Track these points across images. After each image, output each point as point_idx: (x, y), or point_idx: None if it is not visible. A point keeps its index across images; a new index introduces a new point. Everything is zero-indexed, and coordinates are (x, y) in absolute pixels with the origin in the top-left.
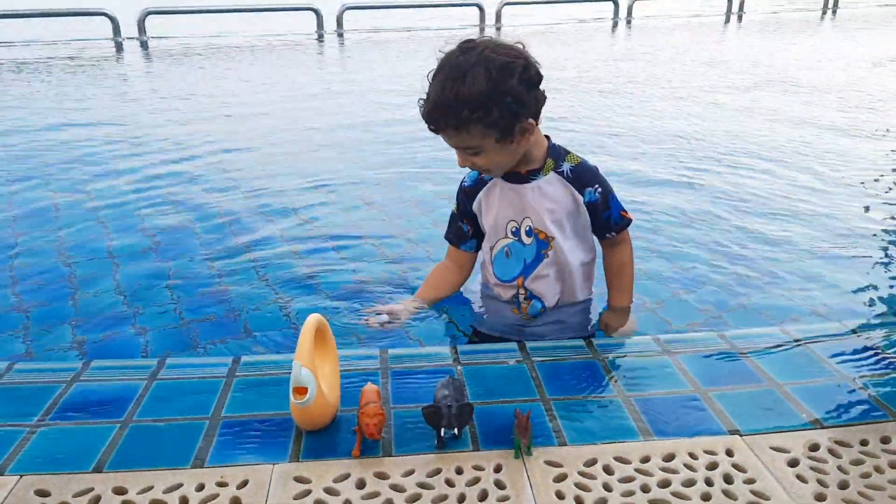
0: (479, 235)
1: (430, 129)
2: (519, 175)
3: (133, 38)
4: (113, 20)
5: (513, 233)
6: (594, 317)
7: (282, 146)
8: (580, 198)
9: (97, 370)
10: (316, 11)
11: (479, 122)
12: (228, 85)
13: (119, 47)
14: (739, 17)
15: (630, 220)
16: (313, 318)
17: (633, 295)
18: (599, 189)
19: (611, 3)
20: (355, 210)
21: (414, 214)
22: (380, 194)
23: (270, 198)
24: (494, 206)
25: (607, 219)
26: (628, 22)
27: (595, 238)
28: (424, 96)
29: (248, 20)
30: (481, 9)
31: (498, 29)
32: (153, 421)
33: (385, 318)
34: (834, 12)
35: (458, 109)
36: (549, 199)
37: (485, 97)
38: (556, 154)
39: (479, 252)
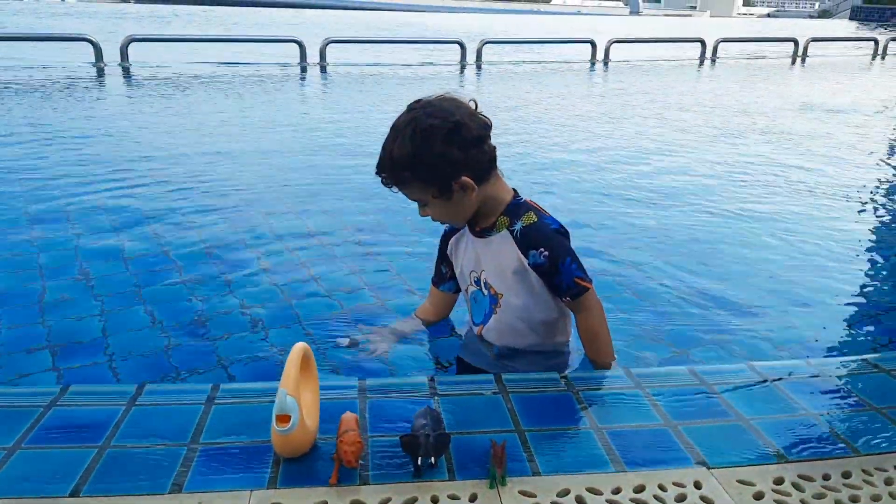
0: (455, 277)
1: (382, 184)
2: (475, 230)
3: (115, 63)
4: (95, 46)
5: (475, 282)
6: (571, 362)
7: (261, 174)
8: (525, 260)
9: (75, 395)
10: (299, 44)
11: (413, 179)
12: (210, 113)
13: (101, 73)
14: (713, 62)
15: (586, 289)
16: (300, 347)
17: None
18: (545, 253)
19: (588, 45)
20: (335, 239)
21: (393, 245)
22: (359, 225)
23: (249, 225)
24: (461, 255)
25: (558, 284)
26: (605, 64)
27: None
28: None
29: (232, 50)
30: (462, 46)
31: (479, 67)
32: (131, 446)
33: (344, 342)
34: (803, 60)
35: (392, 169)
36: (497, 258)
37: (411, 158)
38: (514, 212)
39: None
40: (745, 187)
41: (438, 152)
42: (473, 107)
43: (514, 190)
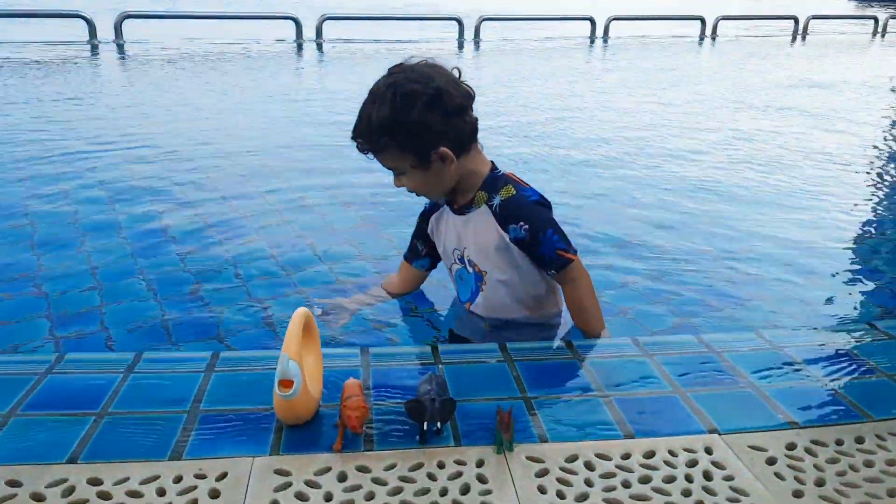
0: (432, 255)
1: (360, 151)
2: (454, 208)
3: (109, 41)
4: (89, 22)
5: (459, 259)
6: (562, 333)
7: (257, 149)
8: (505, 235)
9: (71, 363)
10: (295, 21)
11: (390, 146)
12: (205, 90)
13: (94, 50)
14: (713, 39)
15: (570, 260)
16: (301, 312)
17: (605, 317)
18: (525, 226)
19: (587, 22)
20: (333, 211)
21: (391, 217)
22: (357, 197)
23: (247, 198)
24: (443, 233)
25: (541, 256)
26: (605, 41)
27: None
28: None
29: (228, 27)
30: (460, 23)
31: (476, 43)
32: (129, 413)
33: (318, 311)
34: (804, 38)
35: (369, 133)
36: (478, 234)
37: (389, 123)
38: (491, 186)
39: (433, 270)
40: (750, 159)
41: (418, 119)
42: (457, 75)
43: (491, 163)
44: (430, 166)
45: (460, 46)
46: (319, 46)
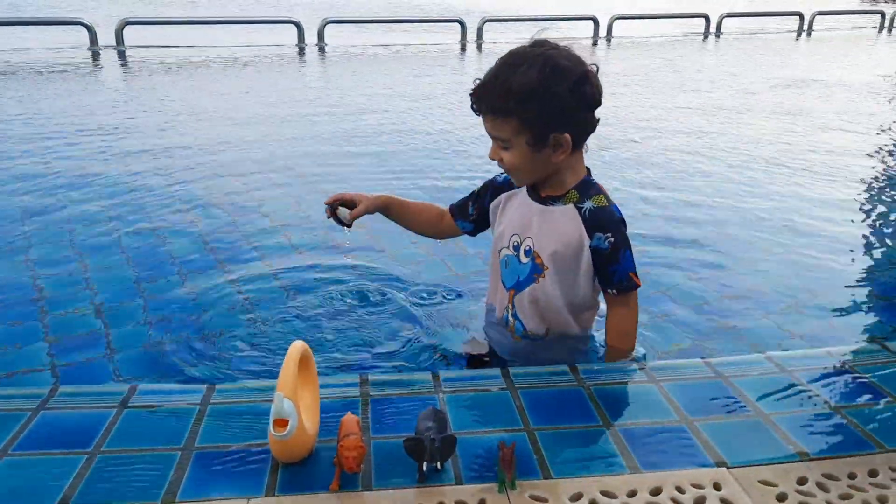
0: (478, 224)
1: (472, 109)
2: (538, 195)
3: (111, 47)
4: (90, 29)
5: (514, 247)
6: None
7: (260, 162)
8: (587, 240)
9: (65, 396)
10: (297, 25)
11: (515, 114)
12: (207, 98)
13: (96, 56)
14: (717, 36)
15: (637, 286)
16: (297, 346)
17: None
18: (611, 238)
19: (591, 22)
20: (337, 230)
21: (397, 235)
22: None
23: (250, 215)
24: (508, 214)
25: (612, 274)
26: (608, 40)
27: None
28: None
29: (229, 32)
30: (463, 25)
31: (479, 46)
32: (123, 451)
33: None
34: (808, 34)
35: (501, 96)
36: (555, 230)
37: (530, 90)
38: (585, 189)
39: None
40: (755, 169)
41: (560, 96)
42: (595, 70)
43: (587, 169)
44: (543, 148)
45: (463, 48)
46: (321, 50)
